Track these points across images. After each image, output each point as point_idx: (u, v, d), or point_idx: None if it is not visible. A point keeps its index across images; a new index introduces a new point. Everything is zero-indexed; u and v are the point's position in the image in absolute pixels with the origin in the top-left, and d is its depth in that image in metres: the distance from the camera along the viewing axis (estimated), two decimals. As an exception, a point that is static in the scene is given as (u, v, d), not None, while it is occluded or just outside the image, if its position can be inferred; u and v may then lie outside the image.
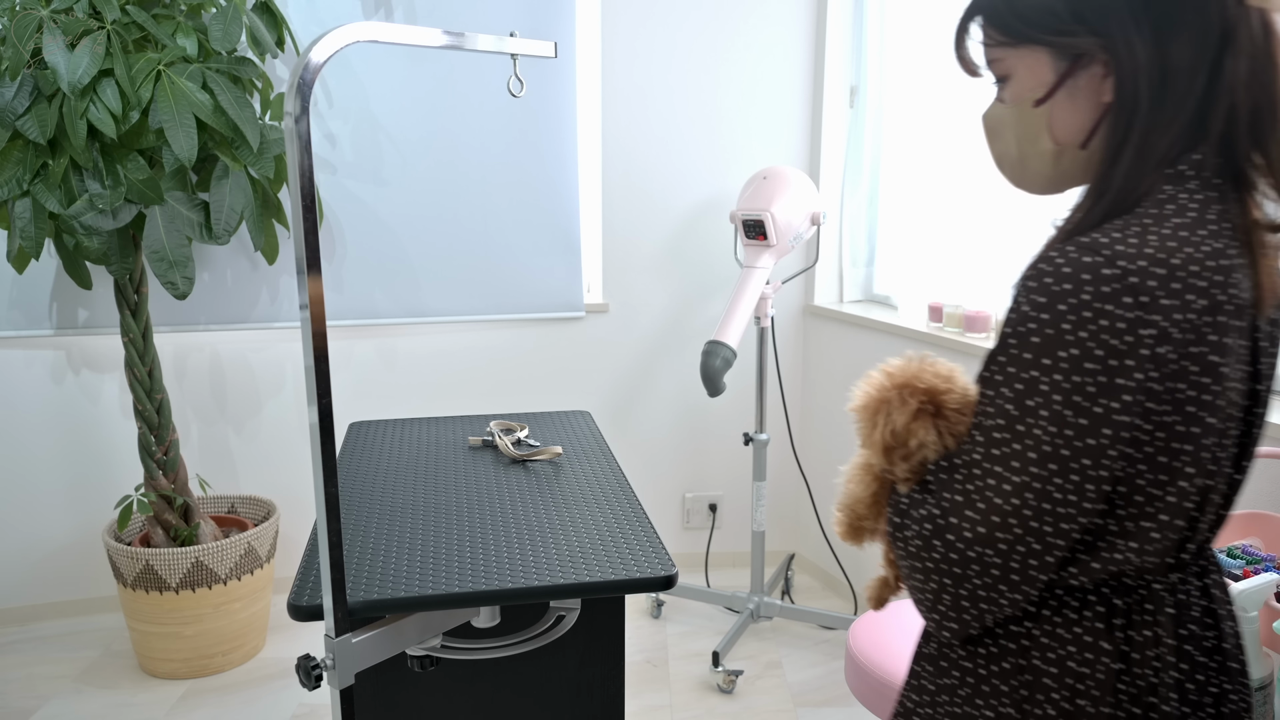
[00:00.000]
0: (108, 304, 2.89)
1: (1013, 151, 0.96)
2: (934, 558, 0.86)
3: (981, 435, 0.85)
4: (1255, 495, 1.85)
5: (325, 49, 1.05)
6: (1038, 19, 0.88)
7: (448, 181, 3.04)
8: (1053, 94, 0.90)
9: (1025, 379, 0.82)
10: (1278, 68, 0.85)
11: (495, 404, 3.26)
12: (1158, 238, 0.82)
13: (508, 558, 1.33)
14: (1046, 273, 0.82)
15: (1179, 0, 0.84)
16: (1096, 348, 0.79)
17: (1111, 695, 0.87)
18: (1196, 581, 0.92)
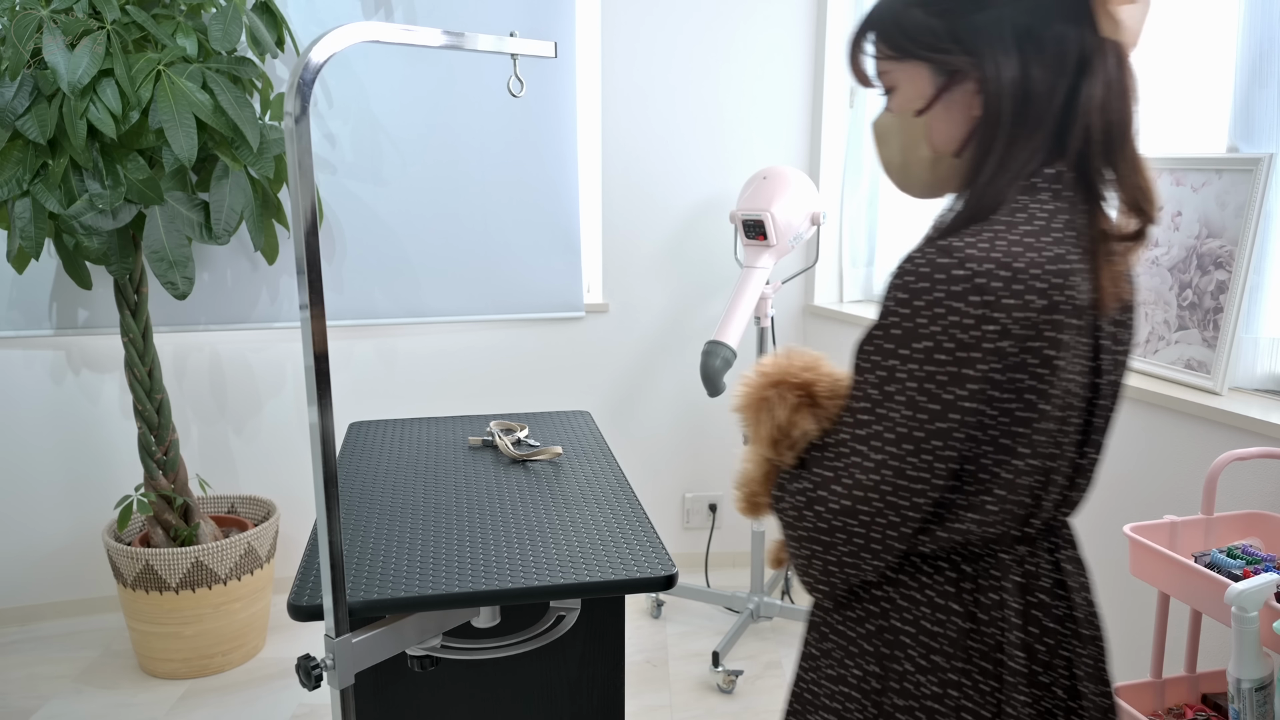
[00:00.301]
0: (108, 304, 2.89)
1: (897, 158, 1.05)
2: (806, 527, 0.97)
3: (849, 417, 0.95)
4: (1255, 495, 1.85)
5: (325, 49, 1.05)
6: (920, 37, 0.97)
7: (448, 181, 3.04)
8: (931, 106, 0.99)
9: (886, 367, 0.92)
10: (1128, 95, 0.96)
11: (495, 404, 3.26)
12: (1005, 243, 0.91)
13: (508, 558, 1.33)
14: (908, 271, 0.91)
15: (1043, 29, 0.94)
16: (946, 340, 0.89)
17: (963, 651, 0.98)
18: (1048, 556, 1.03)
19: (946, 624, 0.99)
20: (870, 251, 3.23)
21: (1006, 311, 0.89)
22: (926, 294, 0.90)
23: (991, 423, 0.93)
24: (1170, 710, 1.77)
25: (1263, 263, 1.94)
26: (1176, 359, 2.05)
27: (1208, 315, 1.98)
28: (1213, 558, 1.58)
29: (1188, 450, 1.98)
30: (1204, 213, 2.00)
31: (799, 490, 0.98)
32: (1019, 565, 1.00)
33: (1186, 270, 2.04)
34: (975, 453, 0.94)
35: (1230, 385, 1.98)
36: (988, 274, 0.89)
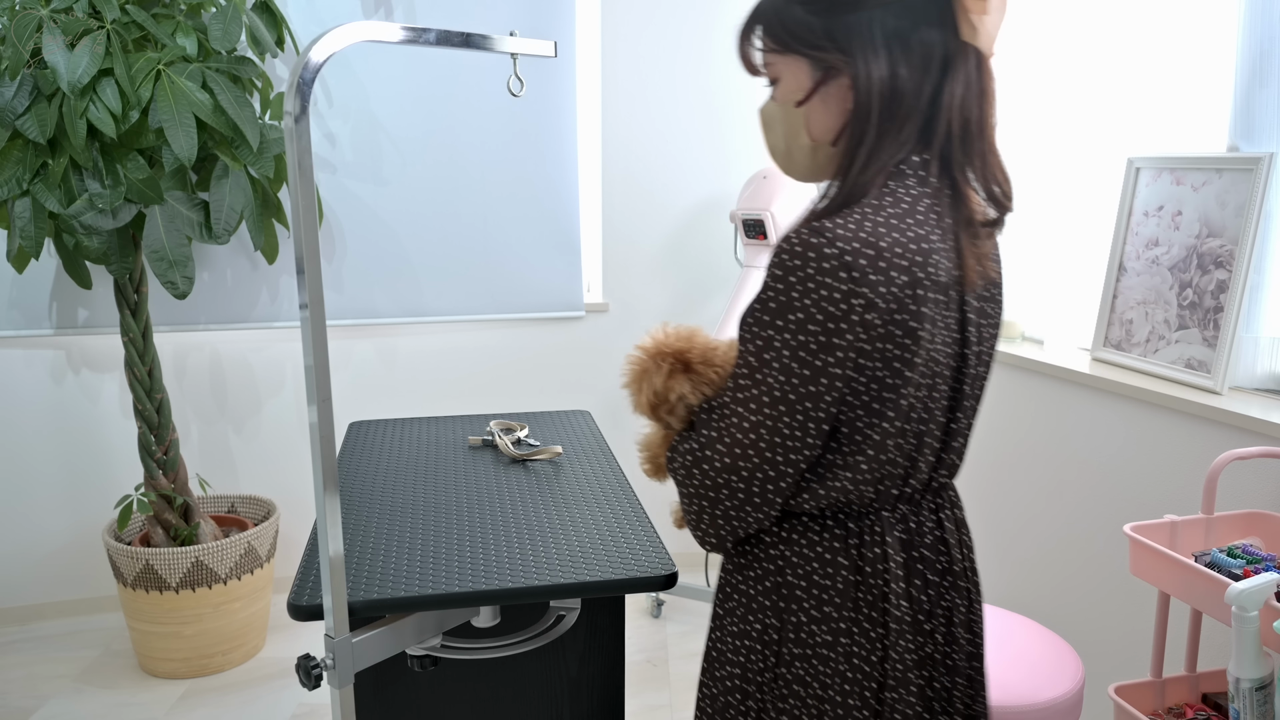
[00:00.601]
0: (108, 303, 2.89)
1: (781, 144, 1.13)
2: (694, 484, 1.07)
3: (731, 383, 1.04)
4: (1255, 495, 1.85)
5: (325, 48, 1.05)
6: (800, 34, 1.05)
7: (447, 181, 3.04)
8: (809, 98, 1.07)
9: (764, 337, 1.00)
10: (986, 95, 1.06)
11: (495, 403, 3.26)
12: (872, 224, 1.00)
13: (508, 558, 1.33)
14: (785, 250, 0.99)
15: (910, 32, 1.03)
16: (818, 313, 0.98)
17: (851, 602, 1.07)
18: (930, 515, 1.13)
19: (835, 578, 1.07)
20: (870, 251, 3.23)
21: (872, 287, 0.98)
22: (800, 270, 0.98)
23: (862, 389, 1.01)
24: (1170, 710, 1.77)
25: (1263, 262, 1.94)
26: (1177, 358, 2.05)
27: (1208, 315, 1.98)
28: (1213, 557, 1.58)
29: (1188, 450, 1.98)
30: (1204, 212, 2.00)
31: (687, 450, 1.08)
32: (902, 523, 1.10)
33: (1187, 269, 2.04)
34: (848, 416, 1.02)
35: (1230, 385, 1.98)
36: (855, 252, 0.97)
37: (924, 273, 1.01)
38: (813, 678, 1.09)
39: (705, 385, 1.10)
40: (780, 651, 1.10)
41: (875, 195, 1.03)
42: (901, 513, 1.10)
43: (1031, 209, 2.48)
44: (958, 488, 2.67)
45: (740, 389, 1.03)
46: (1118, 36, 2.22)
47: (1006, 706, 1.56)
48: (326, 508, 1.11)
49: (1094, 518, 2.22)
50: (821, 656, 1.08)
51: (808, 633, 1.09)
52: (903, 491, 1.09)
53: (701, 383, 1.10)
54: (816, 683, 1.09)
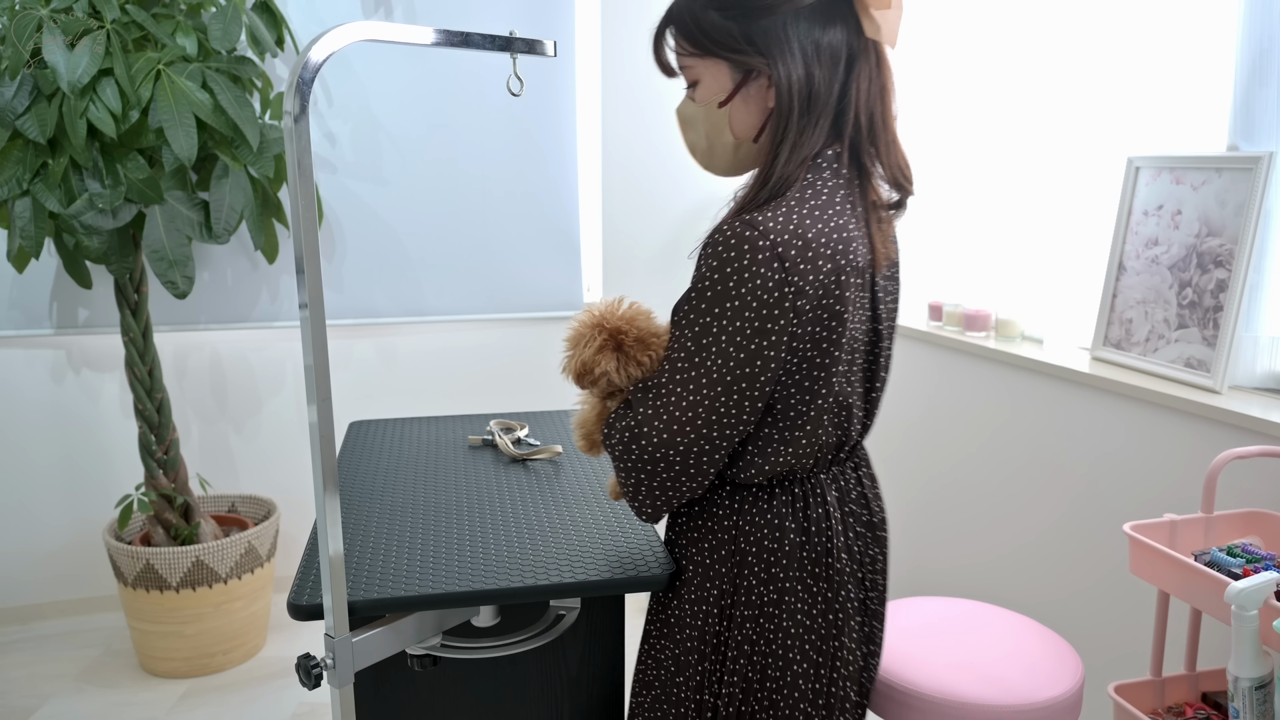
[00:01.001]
0: (108, 303, 2.89)
1: (702, 142, 1.20)
2: (631, 459, 1.14)
3: (669, 365, 1.11)
4: (1255, 494, 1.85)
5: (325, 48, 1.05)
6: (720, 38, 1.11)
7: (447, 180, 3.04)
8: (731, 98, 1.14)
9: (702, 324, 1.08)
10: (886, 89, 1.15)
11: (495, 403, 3.26)
12: (799, 216, 1.08)
13: (507, 558, 1.33)
14: (719, 243, 1.07)
15: (820, 34, 1.10)
16: (752, 300, 1.06)
17: (796, 562, 1.18)
18: (853, 473, 1.25)
19: (784, 540, 1.18)
20: (870, 250, 3.23)
21: (801, 275, 1.07)
22: (735, 262, 1.06)
23: (795, 369, 1.11)
24: (1170, 709, 1.77)
25: (1262, 261, 1.94)
26: (1176, 357, 2.05)
27: (1208, 314, 1.98)
28: (1213, 556, 1.58)
29: (1188, 449, 1.98)
30: (1204, 211, 2.00)
31: (625, 428, 1.15)
32: (834, 483, 1.22)
33: (1186, 269, 2.04)
34: (784, 395, 1.12)
35: (1230, 384, 1.98)
36: (785, 244, 1.06)
37: (845, 260, 1.11)
38: (759, 635, 1.19)
39: (632, 366, 1.17)
40: (732, 614, 1.20)
41: (797, 188, 1.11)
42: (833, 474, 1.22)
43: (1031, 208, 2.48)
44: (955, 488, 2.67)
45: (678, 370, 1.10)
46: (1117, 36, 2.22)
47: (1006, 705, 1.56)
48: (326, 507, 1.11)
49: (1093, 517, 2.22)
50: (768, 615, 1.19)
51: (757, 595, 1.19)
52: (835, 456, 1.21)
53: (628, 363, 1.17)
54: (762, 640, 1.20)
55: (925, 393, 2.76)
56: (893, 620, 1.81)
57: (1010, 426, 2.45)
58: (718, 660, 1.22)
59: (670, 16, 1.16)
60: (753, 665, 1.20)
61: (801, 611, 1.19)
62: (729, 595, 1.20)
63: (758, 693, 1.21)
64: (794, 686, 1.21)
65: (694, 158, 1.23)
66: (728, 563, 1.20)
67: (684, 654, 1.23)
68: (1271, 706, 1.43)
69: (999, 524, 2.53)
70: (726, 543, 1.20)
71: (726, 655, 1.21)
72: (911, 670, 1.64)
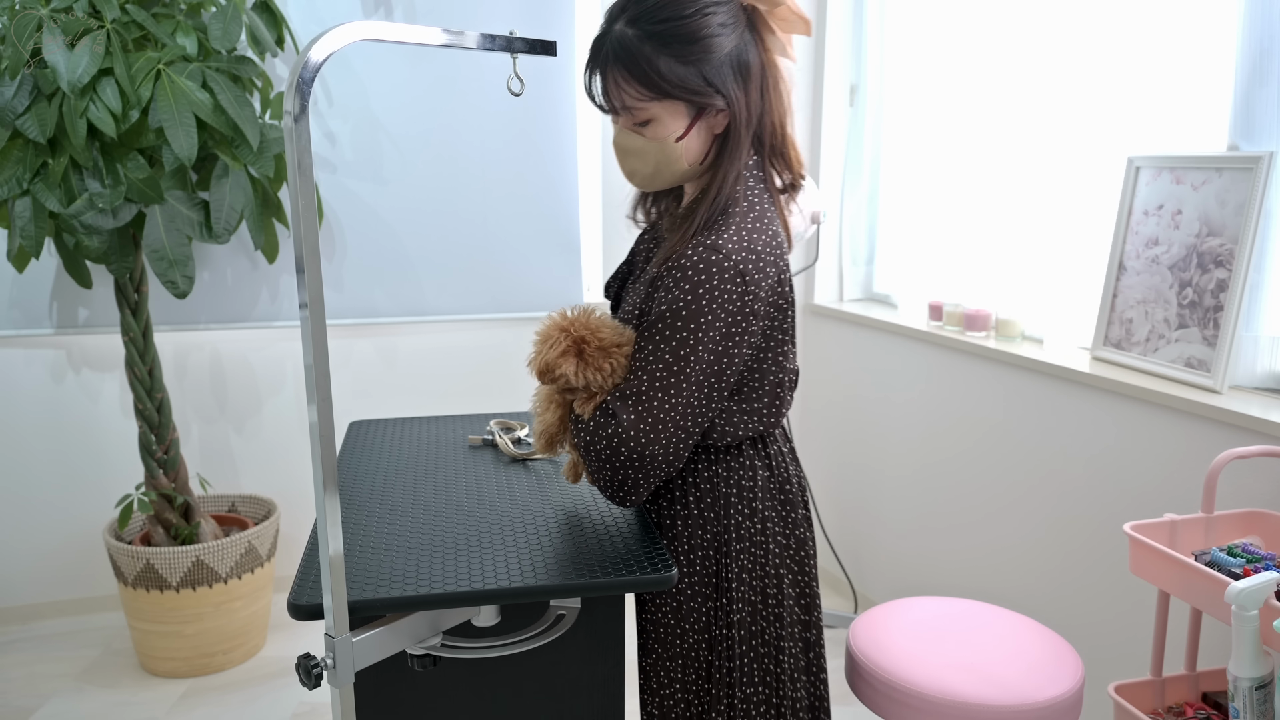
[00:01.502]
0: (108, 303, 2.89)
1: (649, 169, 1.32)
2: (618, 463, 1.28)
3: (647, 375, 1.26)
4: (1255, 493, 1.85)
5: (325, 48, 1.05)
6: (681, 84, 1.24)
7: (448, 180, 3.04)
8: (688, 133, 1.27)
9: (679, 338, 1.24)
10: (787, 97, 1.33)
11: (495, 403, 3.26)
12: (747, 232, 1.27)
13: (507, 558, 1.33)
14: (687, 268, 1.24)
15: (749, 60, 1.26)
16: (722, 313, 1.24)
17: (765, 493, 1.40)
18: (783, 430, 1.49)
19: (755, 479, 1.39)
20: (870, 250, 3.23)
21: (757, 284, 1.26)
22: (704, 285, 1.22)
23: (758, 356, 1.32)
24: (1170, 708, 1.77)
25: (1263, 261, 1.94)
26: (1177, 357, 2.05)
27: (1208, 314, 1.98)
28: (1213, 556, 1.58)
29: (1188, 449, 1.98)
30: (1204, 211, 2.00)
31: (609, 435, 1.27)
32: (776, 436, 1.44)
33: (1187, 269, 2.04)
34: (749, 377, 1.34)
35: (1230, 384, 1.98)
36: (742, 260, 1.24)
37: (784, 259, 1.32)
38: (753, 562, 1.39)
39: (591, 370, 1.29)
40: (727, 551, 1.38)
41: (738, 204, 1.28)
42: (776, 432, 1.44)
43: (1032, 208, 2.48)
44: (955, 488, 2.67)
45: (657, 379, 1.25)
46: (1118, 36, 2.22)
47: (1006, 705, 1.56)
48: (326, 507, 1.11)
49: (1094, 517, 2.22)
50: (754, 541, 1.39)
51: (745, 529, 1.38)
52: (776, 419, 1.41)
53: (588, 369, 1.29)
54: (757, 565, 1.39)
55: (925, 393, 2.76)
56: (894, 620, 1.81)
57: (1010, 426, 2.45)
58: (721, 596, 1.38)
59: (616, 59, 1.24)
60: (754, 590, 1.39)
61: (780, 533, 1.41)
62: (720, 536, 1.38)
63: (761, 611, 1.40)
64: (787, 596, 1.41)
65: (631, 180, 1.36)
66: (714, 509, 1.38)
67: (686, 600, 1.39)
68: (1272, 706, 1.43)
69: (999, 524, 2.53)
70: (709, 492, 1.38)
71: (730, 587, 1.38)
72: (912, 670, 1.64)
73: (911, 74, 2.89)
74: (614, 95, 1.26)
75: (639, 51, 1.22)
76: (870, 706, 1.70)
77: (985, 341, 2.51)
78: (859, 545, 3.15)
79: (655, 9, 1.22)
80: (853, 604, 3.16)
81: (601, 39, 1.26)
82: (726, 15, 1.24)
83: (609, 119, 3.14)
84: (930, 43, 2.80)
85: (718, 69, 1.24)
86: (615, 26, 1.25)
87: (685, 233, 1.27)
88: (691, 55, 1.22)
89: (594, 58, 1.27)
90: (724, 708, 1.40)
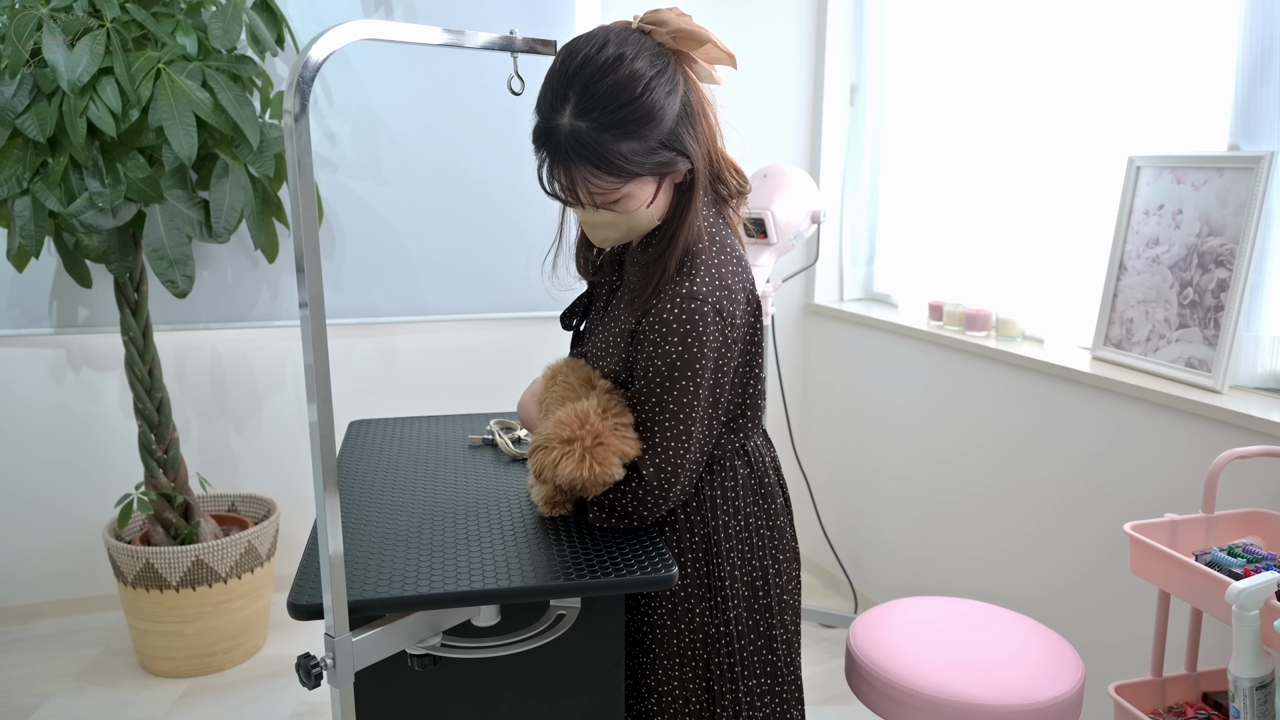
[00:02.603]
0: (108, 302, 2.88)
1: (620, 235, 1.34)
2: (645, 511, 1.36)
3: (658, 428, 1.32)
4: (1256, 493, 1.85)
5: (325, 47, 1.05)
6: (644, 159, 1.24)
7: (448, 179, 3.04)
8: (656, 197, 1.29)
9: (680, 387, 1.31)
10: (714, 118, 1.35)
11: (496, 402, 3.26)
12: (716, 269, 1.32)
13: (507, 557, 1.33)
14: (670, 322, 1.29)
15: (692, 110, 1.29)
16: (710, 353, 1.31)
17: (749, 490, 1.45)
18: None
19: (737, 477, 1.44)
20: (870, 250, 3.23)
21: (733, 316, 1.33)
22: (691, 334, 1.28)
23: (744, 380, 1.41)
24: (1171, 709, 1.77)
25: (1263, 261, 1.94)
26: (1177, 357, 2.05)
27: (1208, 313, 1.98)
28: (1213, 556, 1.58)
29: (1188, 448, 1.98)
30: (1205, 211, 2.00)
31: (635, 490, 1.34)
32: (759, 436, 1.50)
33: (1187, 268, 2.04)
34: (740, 396, 1.42)
35: (1231, 383, 1.98)
36: (718, 299, 1.30)
37: (749, 280, 1.38)
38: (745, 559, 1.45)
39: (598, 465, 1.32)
40: (711, 549, 1.43)
41: (703, 242, 1.33)
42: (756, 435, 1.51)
43: (1032, 208, 2.48)
44: (956, 488, 2.67)
45: (668, 428, 1.32)
46: (1118, 35, 2.21)
47: (1006, 705, 1.56)
48: (326, 507, 1.11)
49: (1094, 517, 2.22)
50: (740, 538, 1.44)
51: (732, 527, 1.44)
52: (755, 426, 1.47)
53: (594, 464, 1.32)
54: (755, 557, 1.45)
55: (926, 393, 2.76)
56: (894, 620, 1.81)
57: (1011, 426, 2.45)
58: (714, 595, 1.43)
59: (580, 156, 1.21)
60: (745, 585, 1.45)
61: (763, 526, 1.46)
62: (709, 538, 1.43)
63: (753, 604, 1.45)
64: (774, 585, 1.47)
65: (601, 246, 1.37)
66: (699, 513, 1.43)
67: (680, 602, 1.43)
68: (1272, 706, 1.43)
69: (1000, 524, 2.52)
70: (694, 497, 1.43)
71: (723, 585, 1.43)
72: (913, 670, 1.64)
73: (911, 74, 2.89)
74: (581, 190, 1.24)
75: (599, 144, 1.20)
76: (870, 706, 1.70)
77: (986, 341, 2.51)
78: (859, 545, 3.15)
79: (605, 99, 1.20)
80: (853, 604, 3.16)
81: (551, 133, 1.22)
82: (667, 80, 1.24)
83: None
84: (930, 42, 2.80)
85: (673, 133, 1.25)
86: (562, 121, 1.21)
87: (658, 282, 1.30)
88: (651, 133, 1.23)
89: (552, 153, 1.23)
90: (729, 702, 1.44)
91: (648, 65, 1.22)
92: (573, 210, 1.34)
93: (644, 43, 1.24)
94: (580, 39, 1.25)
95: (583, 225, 1.36)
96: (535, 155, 1.27)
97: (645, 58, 1.22)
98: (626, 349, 1.36)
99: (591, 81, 1.20)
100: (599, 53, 1.21)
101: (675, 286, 1.29)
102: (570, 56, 1.23)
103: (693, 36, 1.26)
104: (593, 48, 1.22)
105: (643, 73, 1.21)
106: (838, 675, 2.71)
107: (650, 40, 1.25)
